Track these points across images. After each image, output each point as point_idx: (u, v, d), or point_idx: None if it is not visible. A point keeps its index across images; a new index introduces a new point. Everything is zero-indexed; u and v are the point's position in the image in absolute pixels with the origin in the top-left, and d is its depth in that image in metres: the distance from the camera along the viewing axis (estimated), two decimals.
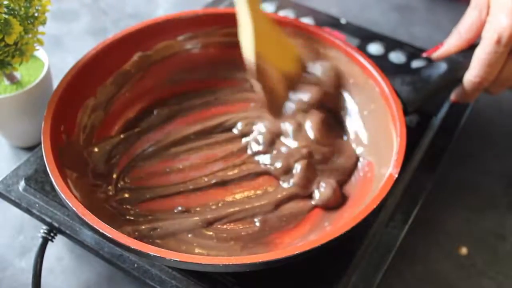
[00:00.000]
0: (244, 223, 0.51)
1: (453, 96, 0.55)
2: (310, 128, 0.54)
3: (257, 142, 0.56)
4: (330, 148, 0.54)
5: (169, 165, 0.55)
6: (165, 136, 0.57)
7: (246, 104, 0.60)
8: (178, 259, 0.40)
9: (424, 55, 0.56)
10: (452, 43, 0.53)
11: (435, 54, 0.54)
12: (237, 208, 0.51)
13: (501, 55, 0.48)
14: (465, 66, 0.51)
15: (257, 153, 0.55)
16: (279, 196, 0.52)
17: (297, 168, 0.52)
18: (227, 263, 0.40)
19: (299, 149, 0.53)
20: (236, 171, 0.54)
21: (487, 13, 0.50)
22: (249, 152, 0.56)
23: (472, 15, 0.51)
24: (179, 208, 0.51)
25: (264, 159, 0.55)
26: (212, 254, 0.47)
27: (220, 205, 0.52)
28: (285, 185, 0.53)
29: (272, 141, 0.55)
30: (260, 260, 0.40)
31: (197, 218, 0.50)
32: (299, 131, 0.54)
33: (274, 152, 0.55)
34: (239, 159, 0.55)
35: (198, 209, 0.52)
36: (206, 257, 0.42)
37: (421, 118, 0.59)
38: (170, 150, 0.56)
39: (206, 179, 0.54)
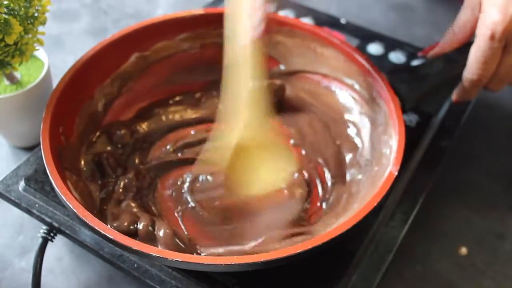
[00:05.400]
0: None
1: (453, 96, 0.55)
2: None
3: None
4: None
5: None
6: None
7: None
8: (180, 259, 0.40)
9: (420, 54, 0.56)
10: (446, 42, 0.53)
11: (431, 53, 0.55)
12: None
13: (496, 51, 0.48)
14: (462, 64, 0.52)
15: None
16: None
17: None
18: (229, 263, 0.40)
19: None
20: None
21: (480, 11, 0.50)
22: None
23: (465, 14, 0.51)
24: None
25: None
26: None
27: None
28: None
29: None
30: (262, 259, 0.40)
31: None
32: None
33: None
34: None
35: None
36: (208, 257, 0.42)
37: (421, 118, 0.59)
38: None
39: None
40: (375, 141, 0.53)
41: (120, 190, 0.50)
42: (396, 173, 0.46)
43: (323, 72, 0.59)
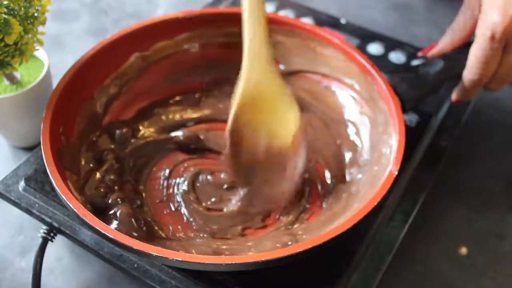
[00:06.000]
0: None
1: (453, 96, 0.55)
2: None
3: None
4: None
5: None
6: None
7: None
8: (180, 259, 0.40)
9: (420, 54, 0.56)
10: (446, 41, 0.54)
11: (430, 53, 0.55)
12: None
13: (496, 51, 0.48)
14: (462, 63, 0.52)
15: None
16: None
17: None
18: (230, 262, 0.40)
19: None
20: None
21: (480, 11, 0.50)
22: None
23: (465, 14, 0.51)
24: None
25: None
26: None
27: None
28: None
29: None
30: (262, 259, 0.40)
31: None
32: None
33: None
34: None
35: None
36: (208, 256, 0.42)
37: (421, 117, 0.60)
38: None
39: None
40: (375, 141, 0.53)
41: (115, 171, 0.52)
42: (396, 173, 0.46)
43: (323, 72, 0.59)
